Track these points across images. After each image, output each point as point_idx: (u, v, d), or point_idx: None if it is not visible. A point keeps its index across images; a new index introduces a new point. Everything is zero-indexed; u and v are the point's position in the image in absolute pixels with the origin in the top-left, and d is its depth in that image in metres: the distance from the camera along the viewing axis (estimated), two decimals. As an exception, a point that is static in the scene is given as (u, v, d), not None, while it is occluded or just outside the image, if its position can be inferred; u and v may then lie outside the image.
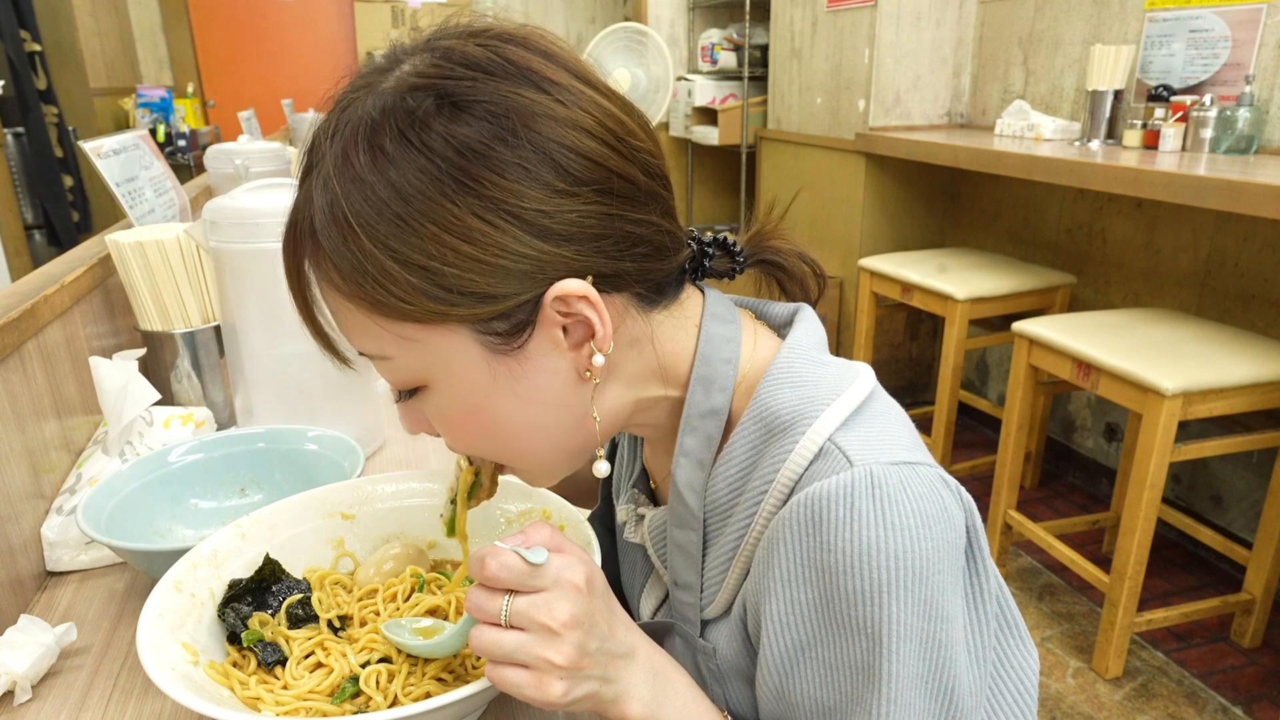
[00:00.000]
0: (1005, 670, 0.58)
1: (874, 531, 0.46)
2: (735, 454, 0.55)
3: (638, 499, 0.68)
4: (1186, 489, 2.44)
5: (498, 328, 0.49)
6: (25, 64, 3.46)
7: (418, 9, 4.93)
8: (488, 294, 0.48)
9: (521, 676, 0.47)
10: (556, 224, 0.48)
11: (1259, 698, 1.89)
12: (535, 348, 0.51)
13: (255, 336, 0.95)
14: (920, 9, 2.95)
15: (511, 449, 0.56)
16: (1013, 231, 2.94)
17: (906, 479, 0.48)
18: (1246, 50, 2.17)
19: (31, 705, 0.65)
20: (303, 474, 0.88)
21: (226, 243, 0.91)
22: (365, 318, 0.49)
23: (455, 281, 0.47)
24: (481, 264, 0.47)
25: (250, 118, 2.45)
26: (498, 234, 0.47)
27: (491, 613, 0.47)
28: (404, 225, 0.46)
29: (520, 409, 0.52)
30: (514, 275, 0.48)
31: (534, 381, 0.52)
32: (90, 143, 1.21)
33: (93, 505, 0.76)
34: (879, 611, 0.47)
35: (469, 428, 0.55)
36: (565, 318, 0.50)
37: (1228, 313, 2.25)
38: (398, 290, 0.47)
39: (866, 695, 0.48)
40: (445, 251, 0.46)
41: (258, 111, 2.60)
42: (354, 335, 0.52)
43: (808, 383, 0.54)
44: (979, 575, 0.52)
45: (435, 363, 0.51)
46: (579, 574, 0.48)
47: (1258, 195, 1.60)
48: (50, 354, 0.92)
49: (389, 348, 0.50)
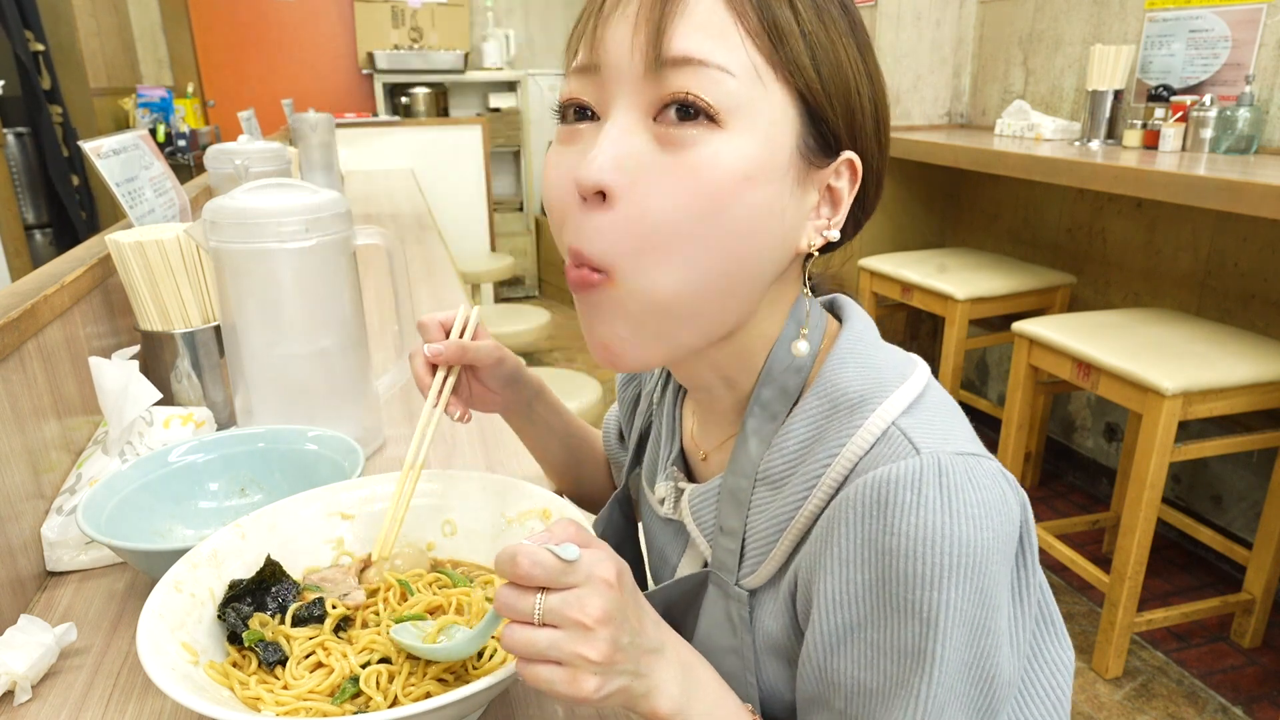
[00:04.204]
0: (1039, 664, 0.59)
1: (939, 518, 0.47)
2: (797, 426, 0.56)
3: (676, 476, 0.69)
4: (1186, 489, 2.44)
5: (813, 136, 0.52)
6: (32, 64, 3.46)
7: (418, 9, 4.93)
8: (837, 99, 0.52)
9: (555, 673, 0.47)
10: (881, 116, 0.55)
11: (1259, 698, 1.89)
12: (809, 185, 0.53)
13: (255, 336, 0.95)
14: (920, 9, 2.95)
15: (708, 242, 0.50)
16: (1013, 231, 2.94)
17: (971, 469, 0.49)
18: (1246, 50, 2.17)
19: (31, 705, 0.65)
20: (303, 474, 0.88)
21: (226, 243, 0.91)
22: (737, 31, 0.49)
23: (827, 71, 0.51)
24: (845, 85, 0.52)
25: (250, 118, 2.45)
26: (862, 78, 0.53)
27: (524, 611, 0.47)
28: (818, 2, 0.51)
29: (771, 208, 0.51)
30: (848, 114, 0.53)
31: (794, 206, 0.53)
32: (90, 143, 1.21)
33: (93, 505, 0.76)
34: (937, 596, 0.47)
35: (715, 186, 0.49)
36: (829, 192, 0.55)
37: (1228, 313, 2.25)
38: (795, 34, 0.50)
39: (913, 679, 0.49)
40: (847, 46, 0.52)
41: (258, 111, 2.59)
42: (705, 38, 0.49)
43: (872, 365, 0.56)
44: (1026, 569, 0.53)
45: (758, 109, 0.50)
46: (610, 569, 0.48)
47: (1258, 195, 1.60)
48: (50, 354, 0.92)
49: (736, 65, 0.49)
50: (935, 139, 2.71)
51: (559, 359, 4.11)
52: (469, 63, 5.00)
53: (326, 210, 0.93)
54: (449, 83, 5.07)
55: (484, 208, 4.40)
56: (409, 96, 4.93)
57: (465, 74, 4.95)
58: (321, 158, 2.63)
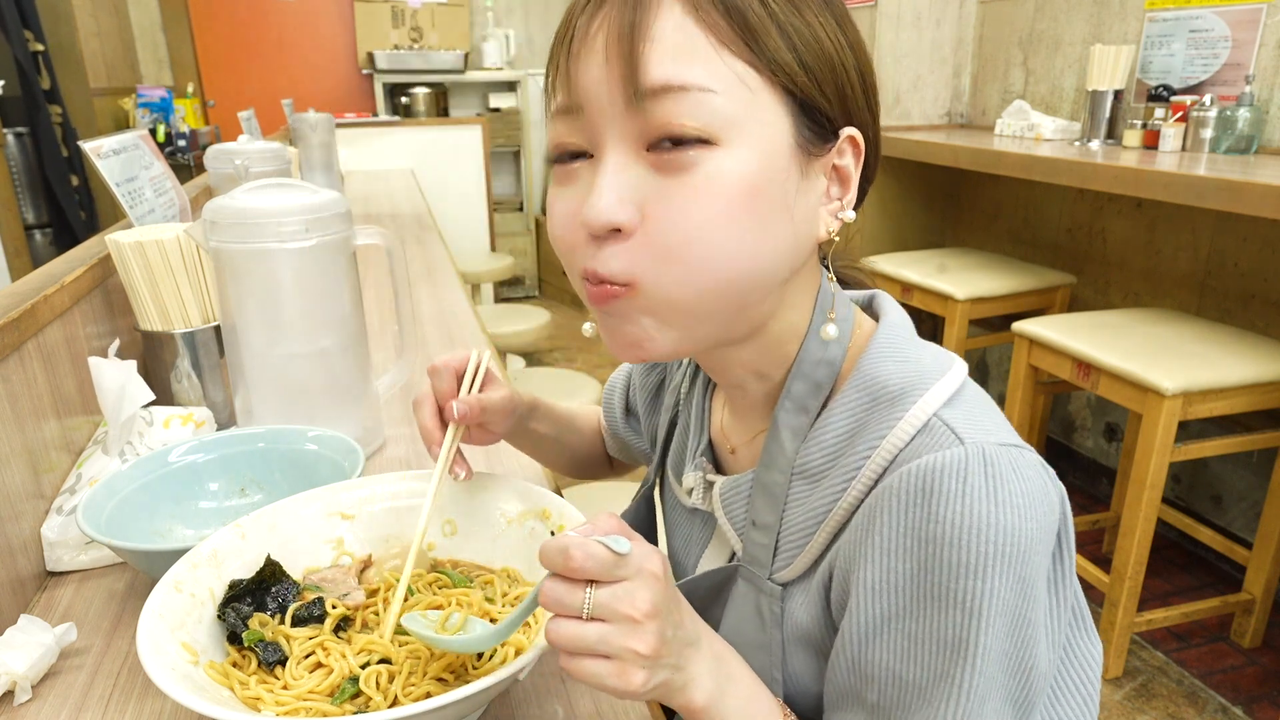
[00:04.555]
0: (1071, 659, 0.59)
1: (984, 506, 0.47)
2: (835, 419, 0.56)
3: (705, 468, 0.69)
4: (1186, 489, 2.44)
5: (809, 125, 0.52)
6: (30, 64, 3.46)
7: (418, 9, 4.93)
8: (826, 83, 0.52)
9: (603, 667, 0.46)
10: (868, 84, 0.55)
11: (1259, 698, 1.89)
12: (815, 173, 0.54)
13: (255, 336, 0.95)
14: (920, 9, 2.95)
15: (725, 250, 0.50)
16: (1013, 231, 2.94)
17: (1015, 460, 0.49)
18: (1246, 50, 2.17)
19: (31, 705, 0.65)
20: (303, 474, 0.88)
21: (226, 243, 0.91)
22: (711, 46, 0.48)
23: (810, 59, 0.51)
24: (829, 63, 0.52)
25: (250, 118, 2.45)
26: (844, 51, 0.52)
27: (574, 606, 0.46)
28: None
29: (781, 212, 0.52)
30: (839, 92, 0.53)
31: (803, 201, 0.53)
32: (90, 143, 1.21)
33: (93, 505, 0.76)
34: (981, 585, 0.47)
35: (721, 203, 0.49)
36: (835, 171, 0.55)
37: (1228, 313, 2.25)
38: (770, 31, 0.49)
39: (954, 669, 0.49)
40: (812, 33, 0.51)
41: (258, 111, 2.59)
42: (680, 61, 0.48)
43: (912, 358, 0.56)
44: (1063, 562, 0.53)
45: (749, 119, 0.49)
46: (658, 563, 0.48)
47: (1258, 195, 1.60)
48: (50, 354, 0.92)
49: (717, 81, 0.48)
50: (935, 139, 2.71)
51: (559, 359, 4.11)
52: (469, 63, 4.99)
53: (326, 210, 0.93)
54: (449, 83, 5.07)
55: (484, 208, 4.39)
56: (409, 96, 4.92)
57: (465, 74, 4.95)
58: (321, 158, 2.63)
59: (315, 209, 0.92)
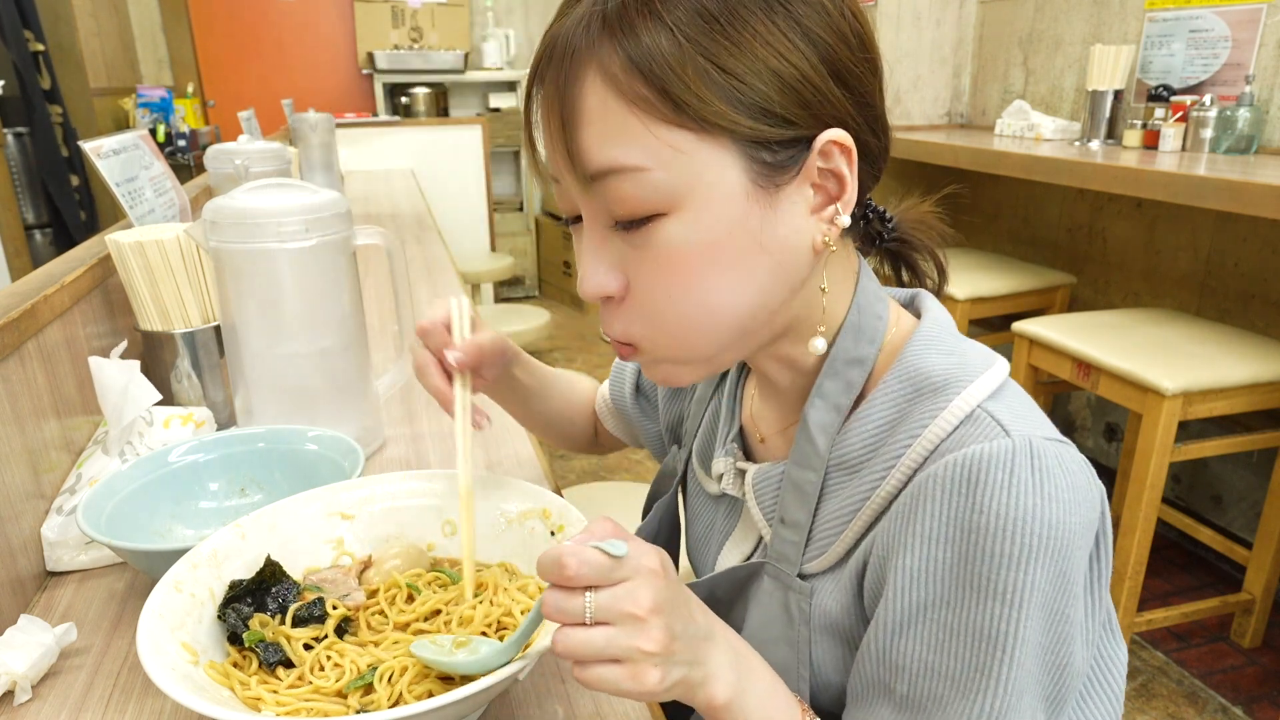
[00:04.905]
0: (1100, 660, 0.59)
1: (1030, 499, 0.47)
2: (876, 410, 0.56)
3: (736, 454, 0.69)
4: (1186, 489, 2.44)
5: (766, 157, 0.50)
6: (29, 64, 3.47)
7: (418, 9, 4.93)
8: (776, 114, 0.49)
9: (615, 671, 0.46)
10: (842, 68, 0.51)
11: (1259, 698, 1.89)
12: (789, 195, 0.52)
13: (255, 336, 0.95)
14: (920, 9, 2.95)
15: (708, 307, 0.52)
16: (1013, 231, 2.94)
17: (1061, 455, 0.50)
18: (1246, 50, 2.17)
19: (31, 705, 0.65)
20: (303, 474, 0.88)
21: (226, 243, 0.91)
22: (638, 121, 0.48)
23: (752, 93, 0.48)
24: (779, 80, 0.48)
25: (250, 118, 2.45)
26: (800, 57, 0.49)
27: (574, 612, 0.46)
28: (719, 26, 0.47)
29: (752, 256, 0.52)
30: (801, 103, 0.50)
31: (777, 231, 0.52)
32: (90, 143, 1.21)
33: (93, 505, 0.76)
34: (1022, 577, 0.47)
35: (688, 269, 0.51)
36: (820, 176, 0.52)
37: (1228, 313, 2.25)
38: (696, 87, 0.47)
39: (991, 661, 0.48)
40: (752, 59, 0.48)
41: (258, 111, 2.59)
42: (612, 143, 0.49)
43: (957, 351, 0.56)
44: (1100, 561, 0.53)
45: (692, 182, 0.49)
46: (655, 560, 0.48)
47: (1258, 195, 1.60)
48: (50, 354, 0.92)
49: (650, 158, 0.49)
50: (935, 139, 2.71)
51: (559, 359, 4.11)
52: (469, 63, 4.99)
53: (326, 210, 0.93)
54: (449, 83, 5.07)
55: (484, 208, 4.40)
56: (409, 96, 4.92)
57: (465, 74, 4.95)
58: (321, 158, 2.63)
59: (315, 209, 0.92)
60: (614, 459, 2.94)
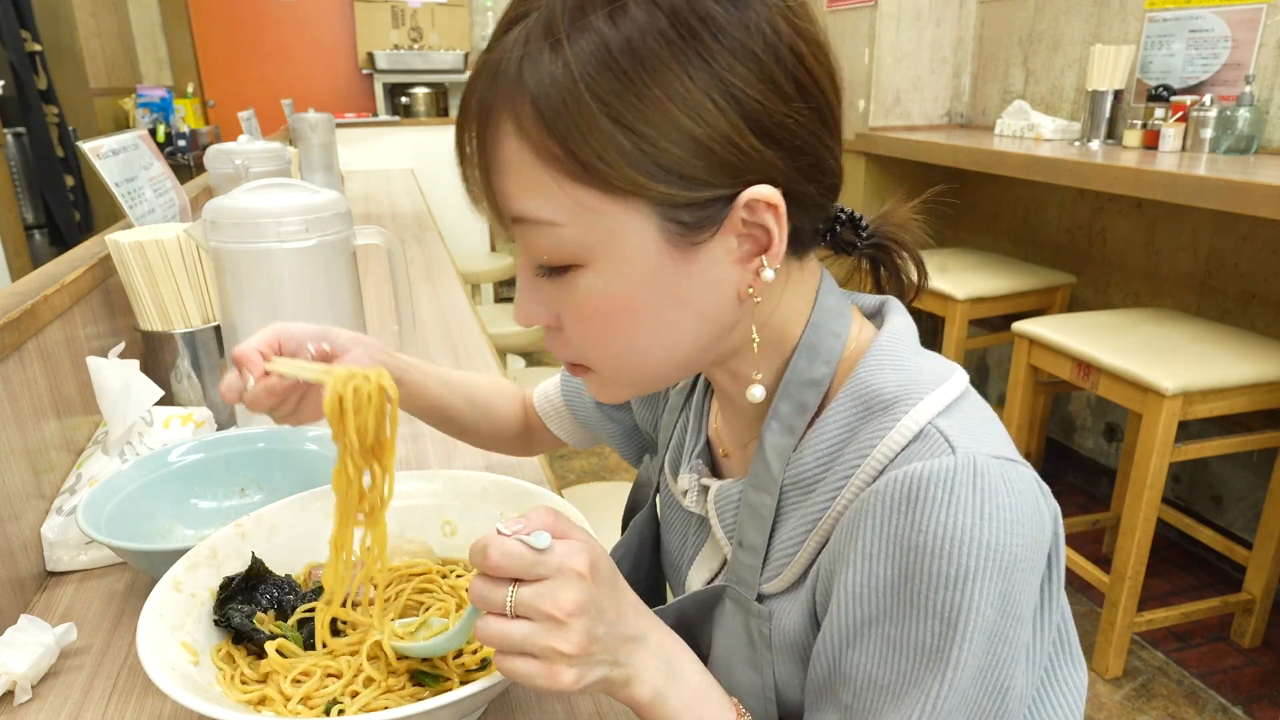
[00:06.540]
0: (1053, 685, 0.58)
1: (969, 518, 0.46)
2: (828, 429, 0.55)
3: (701, 470, 0.68)
4: (1186, 489, 2.44)
5: (683, 217, 0.49)
6: (26, 64, 3.47)
7: (418, 9, 4.93)
8: (691, 177, 0.47)
9: (531, 667, 0.46)
10: (771, 123, 0.48)
11: (1259, 698, 1.89)
12: (709, 250, 0.50)
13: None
14: (920, 9, 2.95)
15: (635, 350, 0.54)
16: (1013, 231, 2.94)
17: (1007, 474, 0.48)
18: (1246, 50, 2.17)
19: (31, 705, 0.65)
20: (303, 474, 0.88)
21: (226, 243, 0.91)
22: (549, 177, 0.47)
23: (664, 157, 0.46)
24: (694, 143, 0.46)
25: (250, 118, 2.45)
26: (719, 117, 0.46)
27: (496, 603, 0.46)
28: (630, 85, 0.45)
29: (670, 309, 0.52)
30: (720, 165, 0.47)
31: (695, 285, 0.51)
32: (89, 143, 1.21)
33: (93, 505, 0.76)
34: (960, 598, 0.46)
35: (606, 320, 0.52)
36: (745, 227, 0.50)
37: (1228, 313, 2.25)
38: (604, 151, 0.46)
39: (927, 678, 0.48)
40: (664, 121, 0.45)
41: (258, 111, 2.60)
42: (525, 195, 0.49)
43: (910, 367, 0.54)
44: (1051, 584, 0.52)
45: (605, 239, 0.49)
46: (582, 560, 0.47)
47: (1258, 195, 1.60)
48: (50, 354, 0.92)
49: (561, 213, 0.48)
50: (935, 139, 2.71)
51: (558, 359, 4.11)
52: (469, 63, 5.00)
53: (326, 210, 0.93)
54: (449, 83, 5.07)
55: (484, 208, 4.39)
56: (409, 96, 4.93)
57: (465, 74, 4.95)
58: (321, 158, 2.63)
59: (315, 209, 0.92)
60: (614, 459, 2.94)
